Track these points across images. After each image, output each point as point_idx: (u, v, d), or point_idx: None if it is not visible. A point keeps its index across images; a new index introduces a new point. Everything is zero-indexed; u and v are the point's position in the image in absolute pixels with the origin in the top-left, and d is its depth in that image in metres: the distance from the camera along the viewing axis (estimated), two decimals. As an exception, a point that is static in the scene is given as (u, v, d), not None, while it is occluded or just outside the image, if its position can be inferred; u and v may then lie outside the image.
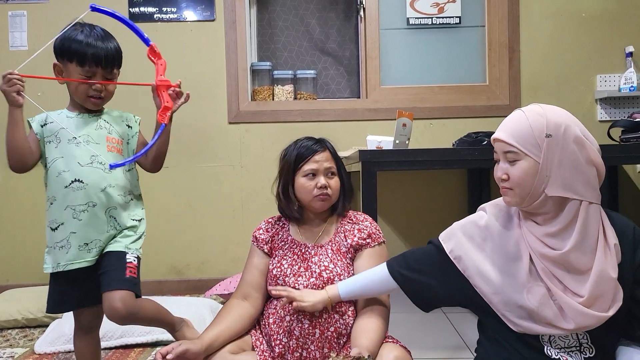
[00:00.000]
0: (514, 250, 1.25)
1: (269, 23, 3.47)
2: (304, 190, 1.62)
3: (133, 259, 1.64)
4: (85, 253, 1.59)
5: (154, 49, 1.68)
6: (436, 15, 3.33)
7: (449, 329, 2.45)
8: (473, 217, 1.36)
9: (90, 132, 1.63)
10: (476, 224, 1.33)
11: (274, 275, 1.62)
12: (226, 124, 3.25)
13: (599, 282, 1.16)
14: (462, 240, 1.32)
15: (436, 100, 3.28)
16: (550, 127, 1.17)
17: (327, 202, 1.63)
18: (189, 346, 1.41)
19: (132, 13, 3.20)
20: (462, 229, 1.35)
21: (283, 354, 1.52)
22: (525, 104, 3.22)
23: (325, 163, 1.63)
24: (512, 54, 3.25)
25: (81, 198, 1.58)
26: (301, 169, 1.63)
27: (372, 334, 1.45)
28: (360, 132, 3.16)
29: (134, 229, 1.69)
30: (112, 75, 1.65)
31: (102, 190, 1.60)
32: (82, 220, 1.58)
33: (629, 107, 3.22)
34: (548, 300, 1.19)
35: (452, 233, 1.36)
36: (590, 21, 3.24)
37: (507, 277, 1.24)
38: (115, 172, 1.63)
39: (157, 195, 3.24)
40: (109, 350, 2.23)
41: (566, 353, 1.21)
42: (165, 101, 1.67)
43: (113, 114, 1.73)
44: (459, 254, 1.32)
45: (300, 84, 3.38)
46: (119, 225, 1.64)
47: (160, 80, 1.67)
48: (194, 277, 3.26)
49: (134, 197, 1.72)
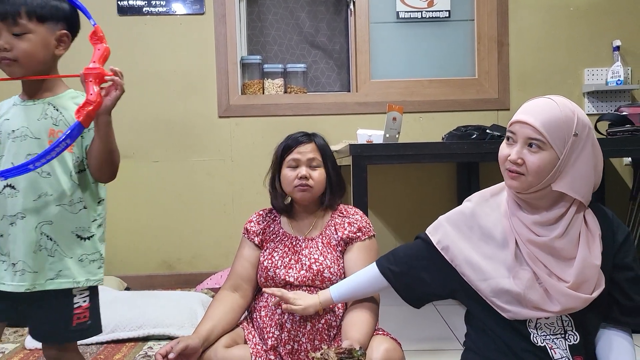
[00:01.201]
0: (501, 237, 1.27)
1: (259, 17, 3.46)
2: (285, 180, 1.64)
3: (82, 301, 1.34)
4: (12, 276, 1.28)
5: (97, 32, 1.28)
6: (426, 9, 3.34)
7: (439, 321, 2.48)
8: (459, 208, 1.38)
9: (30, 123, 1.30)
10: (462, 213, 1.35)
11: (265, 267, 1.63)
12: (216, 117, 3.25)
13: (583, 269, 1.19)
14: (448, 230, 1.34)
15: (426, 94, 3.30)
16: (579, 126, 1.18)
17: (308, 193, 1.63)
18: (188, 342, 1.41)
19: (120, 6, 3.18)
20: (448, 220, 1.36)
21: (275, 347, 1.53)
22: (514, 97, 3.28)
23: (309, 154, 1.64)
24: (501, 47, 3.27)
25: (11, 208, 1.28)
26: (285, 160, 1.66)
27: (363, 327, 1.46)
28: (350, 125, 3.17)
29: (84, 248, 1.34)
30: (22, 29, 1.25)
31: (36, 200, 1.28)
32: (10, 235, 1.29)
33: (616, 101, 3.25)
34: (534, 284, 1.22)
35: (439, 225, 1.37)
36: (578, 15, 3.26)
37: (494, 263, 1.26)
38: (56, 176, 1.29)
39: (147, 190, 3.24)
40: (100, 345, 2.23)
41: (551, 340, 1.24)
42: (89, 94, 1.22)
43: (64, 98, 1.35)
44: (446, 244, 1.33)
45: (291, 77, 3.37)
46: (56, 246, 1.29)
47: (89, 68, 1.24)
48: (185, 271, 3.26)
49: (85, 206, 1.34)
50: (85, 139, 1.33)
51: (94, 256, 1.36)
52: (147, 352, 2.13)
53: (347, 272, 1.61)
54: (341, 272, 1.61)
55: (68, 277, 1.31)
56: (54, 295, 1.31)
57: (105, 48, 1.27)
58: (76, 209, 1.32)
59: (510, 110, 3.26)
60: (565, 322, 1.25)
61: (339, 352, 1.29)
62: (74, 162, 1.32)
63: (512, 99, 3.28)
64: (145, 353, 2.13)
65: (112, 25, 3.17)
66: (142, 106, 3.19)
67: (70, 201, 1.31)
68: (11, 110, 1.34)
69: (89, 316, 1.36)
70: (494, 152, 2.26)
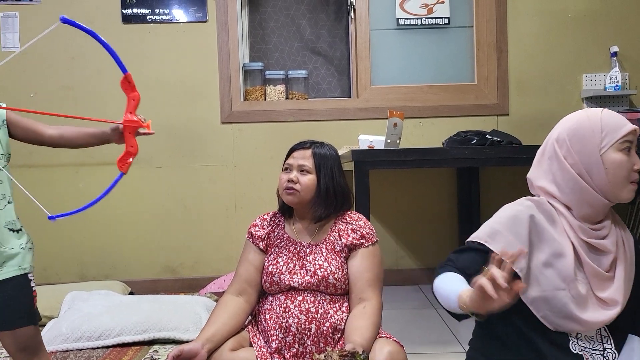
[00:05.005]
0: (559, 246, 1.23)
1: (261, 24, 3.50)
2: (279, 183, 1.70)
3: (33, 285, 1.50)
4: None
5: (128, 80, 1.41)
6: (425, 16, 3.38)
7: (440, 324, 2.50)
8: (509, 212, 1.27)
9: None
10: (517, 218, 1.24)
11: (270, 272, 1.65)
12: (219, 123, 3.28)
13: (624, 281, 1.22)
14: (509, 238, 1.22)
15: (426, 100, 3.33)
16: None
17: (294, 197, 1.66)
18: (183, 347, 1.45)
19: (125, 14, 3.22)
20: (505, 226, 1.24)
21: (280, 350, 1.56)
22: (513, 102, 3.32)
23: (301, 160, 1.68)
24: (500, 53, 3.31)
25: None
26: (284, 164, 1.72)
27: (365, 331, 1.48)
28: (351, 131, 3.21)
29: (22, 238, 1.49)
30: None
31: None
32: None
33: (614, 106, 3.28)
34: (587, 297, 1.20)
35: (495, 232, 1.24)
36: (576, 21, 3.30)
37: (550, 273, 1.22)
38: None
39: (150, 195, 3.27)
40: (106, 349, 2.25)
41: (589, 354, 1.22)
42: (130, 145, 1.41)
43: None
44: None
45: (292, 83, 3.41)
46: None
47: (128, 120, 1.41)
48: (188, 275, 3.29)
49: (10, 201, 1.47)
50: (1, 137, 1.46)
51: (28, 245, 1.50)
52: (153, 356, 2.16)
53: (352, 278, 1.63)
54: (346, 279, 1.63)
55: (13, 266, 1.44)
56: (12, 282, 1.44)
57: (138, 97, 1.42)
58: (2, 205, 1.43)
59: (510, 116, 3.30)
60: (604, 338, 1.24)
61: (342, 355, 1.30)
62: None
63: (511, 104, 3.31)
64: (151, 357, 2.15)
65: (117, 34, 3.21)
66: (146, 112, 3.14)
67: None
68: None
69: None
70: (494, 157, 2.30)
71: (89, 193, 3.08)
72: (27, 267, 1.48)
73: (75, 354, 2.20)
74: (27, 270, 1.49)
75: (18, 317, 1.47)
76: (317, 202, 1.67)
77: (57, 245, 3.21)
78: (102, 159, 3.15)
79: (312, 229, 1.71)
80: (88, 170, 3.23)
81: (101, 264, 3.27)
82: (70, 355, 2.20)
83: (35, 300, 1.52)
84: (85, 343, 2.25)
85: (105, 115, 1.66)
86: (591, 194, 1.23)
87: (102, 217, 3.21)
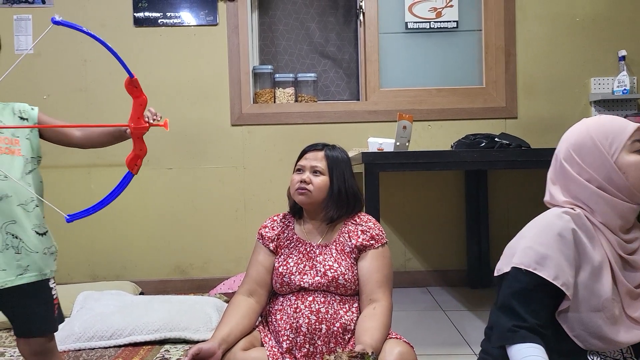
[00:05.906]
0: (598, 266, 1.19)
1: (270, 27, 3.53)
2: (291, 184, 1.72)
3: (55, 290, 1.52)
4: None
5: (135, 83, 1.36)
6: (434, 20, 3.40)
7: (449, 326, 2.51)
8: (555, 230, 1.19)
9: None
10: (566, 239, 1.18)
11: (280, 273, 1.68)
12: (229, 126, 3.31)
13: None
14: (560, 262, 1.16)
15: (434, 103, 3.35)
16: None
17: (306, 197, 1.68)
18: (201, 346, 1.47)
19: (136, 18, 3.25)
20: (553, 249, 1.17)
21: (291, 349, 1.58)
22: (522, 106, 3.33)
23: (313, 161, 1.70)
24: (509, 57, 3.32)
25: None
26: (296, 165, 1.74)
27: (375, 332, 1.50)
28: (360, 133, 3.23)
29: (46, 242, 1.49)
30: None
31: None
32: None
33: (622, 110, 3.29)
34: (619, 318, 1.19)
35: (542, 256, 1.17)
36: (584, 25, 3.31)
37: (590, 295, 1.18)
38: (13, 178, 1.40)
39: (161, 196, 3.30)
40: (118, 348, 2.28)
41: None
42: (139, 149, 1.39)
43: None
44: (566, 279, 1.16)
45: (301, 86, 3.44)
46: (22, 244, 1.41)
47: (137, 125, 1.38)
48: (198, 276, 3.32)
49: (39, 204, 1.48)
50: (32, 140, 1.49)
51: (52, 249, 1.52)
52: (164, 355, 2.18)
53: (362, 279, 1.65)
54: (355, 279, 1.65)
55: (35, 270, 1.45)
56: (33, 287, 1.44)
57: (145, 99, 1.37)
58: (31, 208, 1.45)
59: (518, 119, 3.31)
60: (624, 352, 1.23)
61: (351, 356, 1.32)
62: (25, 164, 1.46)
63: (520, 107, 3.33)
64: (162, 356, 2.18)
65: (129, 36, 3.25)
66: (157, 115, 3.25)
67: (27, 201, 1.44)
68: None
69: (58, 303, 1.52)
70: (503, 160, 2.32)
71: (100, 194, 3.10)
72: (47, 272, 1.50)
73: (88, 353, 2.23)
74: (48, 275, 1.50)
75: (34, 327, 1.48)
76: (329, 203, 1.70)
77: (68, 245, 3.24)
78: (113, 160, 3.19)
79: (322, 229, 1.74)
80: (100, 171, 3.27)
81: (111, 264, 3.31)
82: (83, 354, 2.22)
83: (55, 307, 1.52)
84: (98, 342, 2.28)
85: (117, 116, 1.71)
86: (618, 204, 1.20)
87: (113, 217, 3.25)
